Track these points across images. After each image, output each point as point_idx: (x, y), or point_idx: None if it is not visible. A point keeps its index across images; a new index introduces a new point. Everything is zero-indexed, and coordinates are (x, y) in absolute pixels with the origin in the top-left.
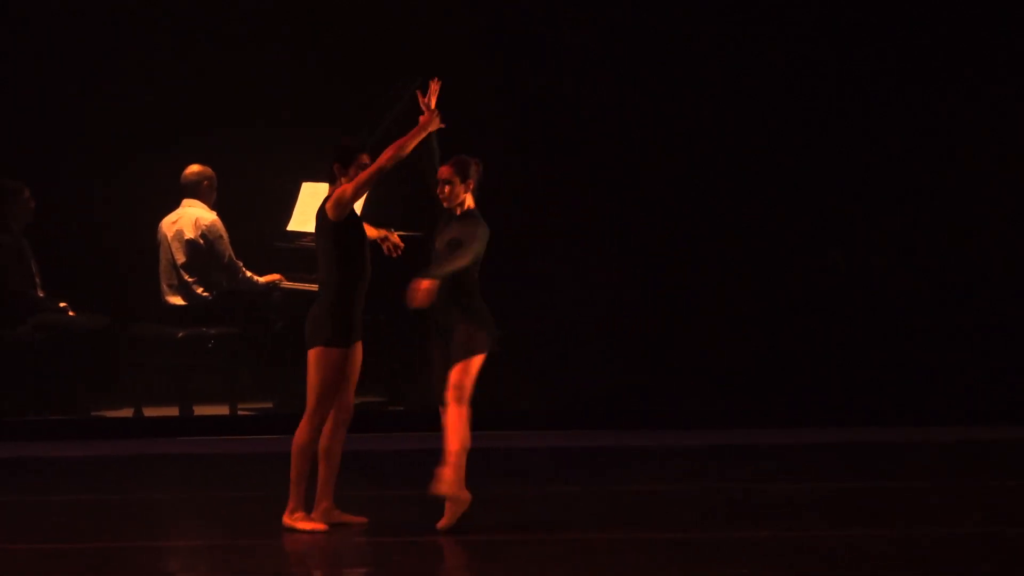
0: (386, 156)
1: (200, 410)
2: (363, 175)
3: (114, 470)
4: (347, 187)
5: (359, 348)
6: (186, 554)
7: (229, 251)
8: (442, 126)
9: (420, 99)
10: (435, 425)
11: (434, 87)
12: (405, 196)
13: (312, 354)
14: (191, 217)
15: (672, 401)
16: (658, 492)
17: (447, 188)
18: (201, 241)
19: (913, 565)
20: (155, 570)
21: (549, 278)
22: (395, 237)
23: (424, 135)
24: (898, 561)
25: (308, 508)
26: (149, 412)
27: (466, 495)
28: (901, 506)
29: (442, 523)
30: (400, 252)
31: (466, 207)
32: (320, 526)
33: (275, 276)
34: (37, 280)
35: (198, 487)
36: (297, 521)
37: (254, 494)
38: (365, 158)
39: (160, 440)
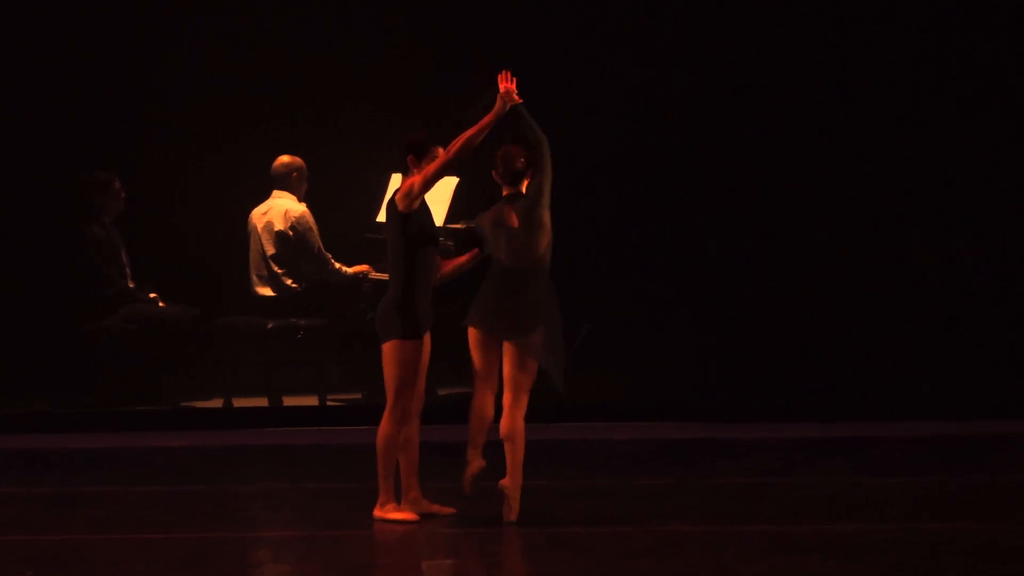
0: (455, 148)
1: (289, 401)
2: (432, 167)
3: (203, 461)
4: (416, 178)
5: (427, 337)
6: (275, 545)
7: (318, 242)
8: (519, 101)
9: (501, 81)
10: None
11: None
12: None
13: (387, 348)
14: (281, 209)
15: (762, 394)
16: (750, 485)
17: (520, 161)
18: (291, 233)
19: (1006, 557)
20: (244, 561)
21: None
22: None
23: (493, 123)
24: (991, 554)
25: (397, 500)
26: (238, 403)
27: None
28: (997, 500)
29: (510, 515)
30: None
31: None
32: (411, 515)
33: (364, 267)
34: (127, 271)
35: (287, 478)
36: (388, 512)
37: (343, 485)
38: (439, 151)
39: (249, 431)
